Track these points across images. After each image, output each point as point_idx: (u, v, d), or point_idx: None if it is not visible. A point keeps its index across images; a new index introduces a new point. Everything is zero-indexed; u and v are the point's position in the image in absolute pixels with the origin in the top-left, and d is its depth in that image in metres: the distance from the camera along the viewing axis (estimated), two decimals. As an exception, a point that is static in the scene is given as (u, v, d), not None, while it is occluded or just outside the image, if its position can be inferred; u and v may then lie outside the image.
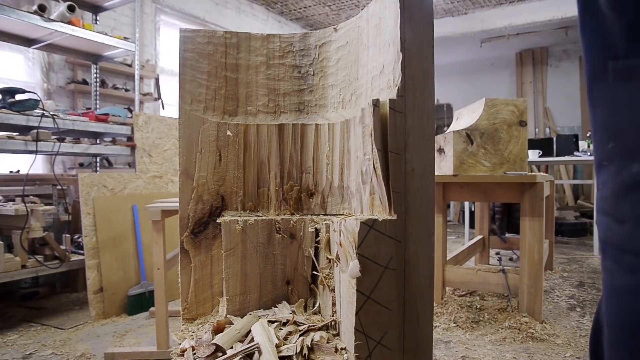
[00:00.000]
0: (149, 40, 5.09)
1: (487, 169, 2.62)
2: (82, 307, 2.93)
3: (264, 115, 1.30)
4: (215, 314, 1.24)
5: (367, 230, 0.82)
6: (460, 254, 3.21)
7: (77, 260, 2.96)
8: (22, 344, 2.33)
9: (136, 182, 3.16)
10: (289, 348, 0.88)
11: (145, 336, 2.44)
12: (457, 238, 5.80)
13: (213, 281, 1.26)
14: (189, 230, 1.23)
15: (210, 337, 0.99)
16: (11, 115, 2.60)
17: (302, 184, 1.28)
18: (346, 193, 1.18)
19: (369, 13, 1.11)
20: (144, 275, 2.97)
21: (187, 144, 1.24)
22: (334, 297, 1.03)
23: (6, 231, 2.82)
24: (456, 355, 2.09)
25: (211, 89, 1.28)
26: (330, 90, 1.29)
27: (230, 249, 1.15)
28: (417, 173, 0.88)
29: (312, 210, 1.27)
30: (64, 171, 4.06)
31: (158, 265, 2.05)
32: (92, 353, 2.21)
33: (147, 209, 2.02)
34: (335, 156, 1.21)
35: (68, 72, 4.29)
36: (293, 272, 1.20)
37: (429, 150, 0.90)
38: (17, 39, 3.32)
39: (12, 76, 3.93)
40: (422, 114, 0.89)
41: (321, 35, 1.31)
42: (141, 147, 3.26)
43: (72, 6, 3.10)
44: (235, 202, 1.27)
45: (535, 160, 5.04)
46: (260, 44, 1.32)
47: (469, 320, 2.50)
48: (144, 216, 3.01)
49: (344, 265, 0.88)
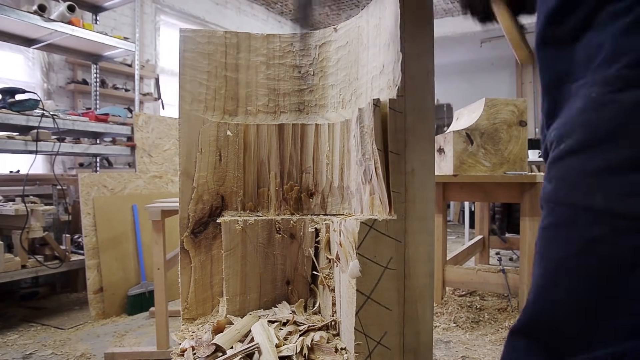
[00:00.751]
0: (149, 40, 5.09)
1: (487, 169, 2.62)
2: (82, 307, 2.93)
3: (264, 115, 1.30)
4: (215, 314, 1.24)
5: (367, 230, 0.82)
6: (460, 254, 3.21)
7: (77, 260, 2.96)
8: (22, 344, 2.33)
9: (136, 182, 3.16)
10: (289, 348, 0.88)
11: (145, 336, 2.44)
12: (457, 238, 5.80)
13: (213, 281, 1.26)
14: (189, 230, 1.23)
15: (210, 337, 0.99)
16: (11, 115, 2.60)
17: (302, 184, 1.28)
18: (346, 193, 1.18)
19: (369, 13, 1.11)
20: (144, 275, 2.97)
21: (187, 144, 1.24)
22: (334, 297, 1.03)
23: (6, 231, 2.82)
24: (456, 355, 2.09)
25: (211, 89, 1.28)
26: (330, 90, 1.29)
27: (230, 249, 1.15)
28: (417, 173, 0.88)
29: (312, 210, 1.27)
30: (64, 171, 4.06)
31: (158, 265, 2.05)
32: (92, 353, 2.21)
33: (147, 209, 2.02)
34: (335, 156, 1.21)
35: (68, 72, 4.29)
36: (293, 272, 1.20)
37: (429, 150, 0.90)
38: (17, 39, 3.32)
39: (12, 76, 3.93)
40: (422, 114, 0.89)
41: (321, 35, 1.31)
42: (141, 147, 3.26)
43: (72, 6, 3.10)
44: (235, 202, 1.27)
45: (535, 160, 5.03)
46: (260, 44, 1.32)
47: (469, 320, 2.50)
48: (144, 216, 3.00)
49: (344, 265, 0.88)
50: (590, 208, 0.55)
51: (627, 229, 0.52)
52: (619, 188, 0.53)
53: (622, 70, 0.54)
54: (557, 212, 0.60)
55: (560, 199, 0.60)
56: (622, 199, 0.53)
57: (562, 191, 0.60)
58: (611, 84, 0.55)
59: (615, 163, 0.54)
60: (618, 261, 0.53)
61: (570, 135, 0.59)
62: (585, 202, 0.56)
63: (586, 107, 0.57)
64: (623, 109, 0.54)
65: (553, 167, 0.62)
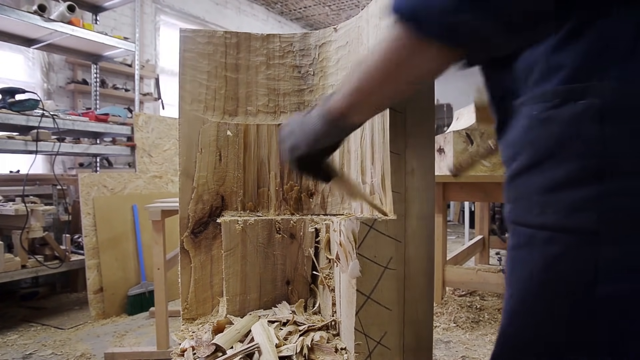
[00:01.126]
0: (149, 40, 5.09)
1: (487, 169, 2.62)
2: (82, 307, 2.92)
3: (264, 115, 1.30)
4: (215, 314, 1.24)
5: (367, 230, 0.82)
6: (460, 254, 3.21)
7: (77, 260, 2.96)
8: (22, 344, 2.33)
9: (136, 182, 3.16)
10: (289, 348, 0.88)
11: (145, 336, 2.44)
12: (457, 238, 5.80)
13: (213, 281, 1.26)
14: (189, 230, 1.23)
15: (210, 337, 0.99)
16: (11, 115, 2.60)
17: (302, 184, 1.28)
18: (346, 193, 1.18)
19: (369, 13, 1.11)
20: (144, 275, 2.97)
21: (187, 144, 1.24)
22: (334, 297, 1.03)
23: (6, 231, 2.82)
24: (456, 355, 2.09)
25: (211, 89, 1.28)
26: (330, 90, 1.29)
27: (230, 249, 1.15)
28: (417, 173, 0.89)
29: (312, 210, 1.27)
30: (64, 171, 4.06)
31: (158, 265, 2.05)
32: (92, 353, 2.21)
33: (147, 209, 2.02)
34: (335, 156, 1.21)
35: (68, 72, 4.29)
36: (293, 272, 1.20)
37: (429, 150, 0.90)
38: (17, 39, 3.32)
39: (12, 76, 3.93)
40: (422, 114, 0.90)
41: (321, 35, 1.31)
42: (141, 147, 3.26)
43: (72, 6, 3.10)
44: (235, 202, 1.27)
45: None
46: (260, 44, 1.32)
47: (469, 320, 2.50)
48: (144, 216, 3.00)
49: (344, 265, 0.88)
50: (545, 226, 0.56)
51: (581, 244, 0.53)
52: (567, 204, 0.53)
53: (558, 86, 0.55)
54: (517, 233, 0.60)
55: (518, 219, 0.60)
56: (572, 215, 0.53)
57: (518, 211, 0.60)
58: (549, 100, 0.56)
59: (561, 180, 0.54)
60: (578, 277, 0.53)
61: (519, 154, 0.60)
62: (539, 221, 0.56)
63: (529, 125, 0.58)
64: (562, 124, 0.54)
65: (508, 187, 0.63)
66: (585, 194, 0.52)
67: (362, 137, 1.05)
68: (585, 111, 0.53)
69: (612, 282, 0.51)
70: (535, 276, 0.57)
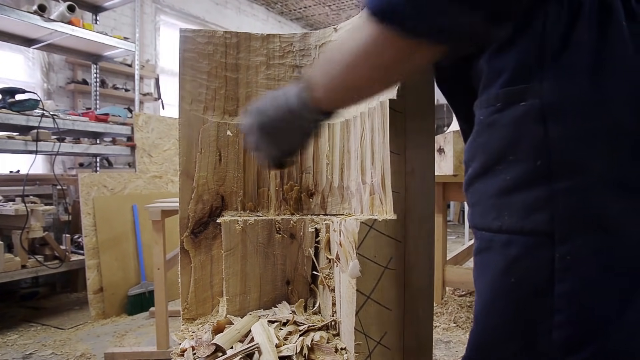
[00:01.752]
0: (149, 40, 5.09)
1: (487, 169, 2.62)
2: (82, 307, 2.92)
3: (264, 115, 1.30)
4: (215, 314, 1.24)
5: (367, 230, 0.82)
6: (460, 254, 3.21)
7: (77, 260, 2.96)
8: (22, 344, 2.33)
9: (136, 182, 3.16)
10: (289, 348, 0.88)
11: (145, 336, 2.44)
12: (457, 238, 5.80)
13: (213, 281, 1.26)
14: (189, 230, 1.23)
15: (210, 337, 0.99)
16: (11, 115, 2.60)
17: (302, 184, 1.28)
18: (346, 193, 1.18)
19: (369, 13, 1.11)
20: (144, 275, 2.97)
21: (187, 144, 1.24)
22: (334, 297, 1.03)
23: (6, 231, 2.82)
24: (456, 355, 2.09)
25: (211, 89, 1.28)
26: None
27: (230, 249, 1.15)
28: (417, 173, 0.89)
29: (312, 210, 1.27)
30: (64, 171, 4.06)
31: (158, 265, 2.05)
32: (92, 353, 2.21)
33: (147, 209, 2.02)
34: (335, 156, 1.21)
35: (68, 72, 4.29)
36: (293, 272, 1.20)
37: (429, 150, 0.90)
38: (17, 39, 3.32)
39: (12, 76, 3.93)
40: (422, 114, 0.90)
41: (321, 35, 1.31)
42: (141, 147, 3.26)
43: (72, 6, 3.10)
44: (235, 202, 1.27)
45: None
46: (260, 44, 1.32)
47: (469, 320, 2.50)
48: (144, 216, 3.00)
49: (344, 265, 0.88)
50: (502, 230, 0.56)
51: (538, 245, 0.53)
52: (522, 206, 0.54)
53: (499, 90, 0.55)
54: (478, 238, 0.61)
55: (477, 224, 0.61)
56: (526, 216, 0.53)
57: (477, 216, 0.61)
58: (492, 104, 0.56)
59: (513, 183, 0.54)
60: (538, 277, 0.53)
61: (473, 159, 0.60)
62: (496, 224, 0.56)
63: (478, 131, 0.59)
64: (507, 127, 0.54)
65: (466, 193, 0.64)
66: (538, 195, 0.52)
67: (362, 137, 1.05)
68: (527, 113, 0.53)
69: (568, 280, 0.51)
70: (497, 279, 0.57)
